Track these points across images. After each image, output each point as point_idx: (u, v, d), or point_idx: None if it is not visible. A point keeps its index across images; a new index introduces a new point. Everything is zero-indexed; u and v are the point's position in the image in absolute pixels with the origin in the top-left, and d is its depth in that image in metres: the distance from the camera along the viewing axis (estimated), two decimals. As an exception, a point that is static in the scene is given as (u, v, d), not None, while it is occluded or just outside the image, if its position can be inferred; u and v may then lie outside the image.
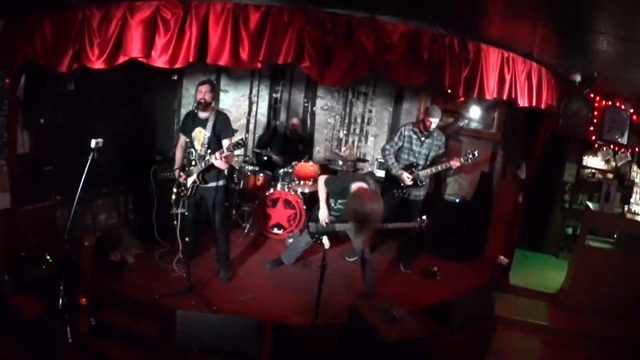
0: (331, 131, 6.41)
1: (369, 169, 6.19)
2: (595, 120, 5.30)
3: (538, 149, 4.90)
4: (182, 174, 3.92)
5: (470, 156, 4.47)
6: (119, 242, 4.48)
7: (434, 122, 4.40)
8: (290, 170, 5.41)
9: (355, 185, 3.59)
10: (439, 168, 4.47)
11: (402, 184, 4.49)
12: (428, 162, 4.56)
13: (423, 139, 4.51)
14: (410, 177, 4.43)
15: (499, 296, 4.80)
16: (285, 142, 5.98)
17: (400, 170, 4.48)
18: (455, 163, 4.38)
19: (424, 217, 4.07)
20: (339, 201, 3.93)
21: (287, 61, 3.22)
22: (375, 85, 6.10)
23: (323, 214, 3.96)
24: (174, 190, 3.89)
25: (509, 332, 4.38)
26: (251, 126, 6.43)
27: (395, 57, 3.31)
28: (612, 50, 3.53)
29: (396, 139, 4.59)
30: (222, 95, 6.24)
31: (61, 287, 3.26)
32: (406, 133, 4.55)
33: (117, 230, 4.72)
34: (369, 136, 6.27)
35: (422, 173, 4.46)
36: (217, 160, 3.70)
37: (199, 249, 4.59)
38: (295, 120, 5.99)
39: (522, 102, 4.03)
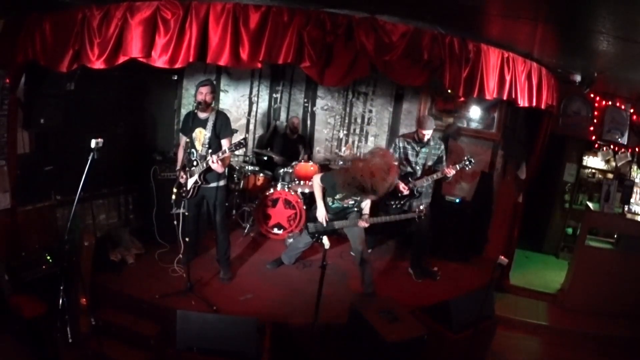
0: (331, 131, 6.41)
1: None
2: (595, 120, 5.30)
3: (538, 149, 4.90)
4: (183, 174, 3.92)
5: (467, 163, 4.33)
6: (119, 242, 4.48)
7: (427, 134, 4.33)
8: (290, 170, 5.41)
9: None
10: (435, 177, 4.36)
11: (399, 194, 4.41)
12: (426, 172, 4.47)
13: (418, 149, 4.44)
14: (407, 187, 4.34)
15: (499, 296, 4.81)
16: (285, 142, 5.98)
17: (397, 180, 4.31)
18: (450, 171, 4.25)
19: (422, 207, 4.04)
20: (337, 197, 3.94)
21: (287, 61, 3.22)
22: (375, 85, 6.10)
23: (321, 213, 3.96)
24: (174, 190, 3.89)
25: (509, 332, 4.38)
26: (251, 126, 6.44)
27: (395, 57, 3.31)
28: (612, 50, 3.53)
29: (391, 150, 4.55)
30: (222, 95, 6.23)
31: (61, 287, 3.26)
32: (401, 144, 4.50)
33: (117, 230, 4.72)
34: (369, 136, 6.27)
35: (418, 183, 4.39)
36: (214, 164, 3.70)
37: (199, 249, 4.59)
38: (295, 120, 5.99)
39: (522, 102, 4.03)
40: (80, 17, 3.20)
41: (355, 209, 4.01)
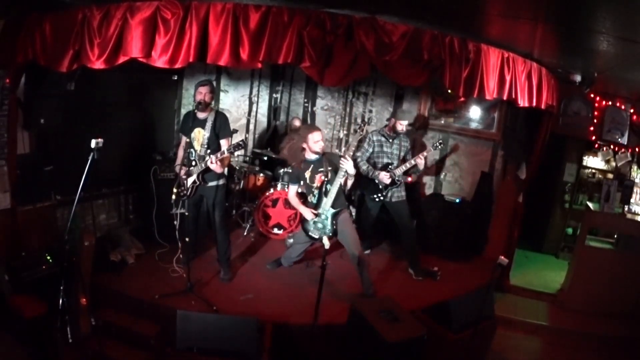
0: (331, 131, 6.40)
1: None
2: (595, 120, 5.30)
3: (538, 149, 4.90)
4: (184, 167, 3.91)
5: (438, 144, 4.82)
6: (119, 242, 4.48)
7: (405, 124, 4.59)
8: (290, 170, 5.40)
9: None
10: (412, 162, 4.59)
11: (380, 187, 4.59)
12: (400, 161, 4.73)
13: (392, 140, 4.69)
14: (388, 175, 4.55)
15: (499, 296, 4.81)
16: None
17: (377, 172, 4.59)
18: (420, 160, 4.54)
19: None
20: (309, 182, 4.02)
21: (287, 61, 3.22)
22: (375, 85, 6.09)
23: (307, 213, 3.98)
24: (174, 190, 3.89)
25: (509, 332, 4.38)
26: (251, 126, 6.44)
27: (396, 57, 3.31)
28: (612, 50, 3.53)
29: (366, 145, 4.71)
30: (222, 95, 6.23)
31: (61, 287, 3.26)
32: (375, 138, 4.70)
33: (117, 230, 4.72)
34: (369, 136, 6.27)
35: (397, 171, 4.59)
36: (213, 164, 3.70)
37: (199, 249, 4.59)
38: (296, 122, 5.98)
39: (522, 102, 4.03)
40: (80, 17, 3.20)
41: (330, 184, 3.97)
